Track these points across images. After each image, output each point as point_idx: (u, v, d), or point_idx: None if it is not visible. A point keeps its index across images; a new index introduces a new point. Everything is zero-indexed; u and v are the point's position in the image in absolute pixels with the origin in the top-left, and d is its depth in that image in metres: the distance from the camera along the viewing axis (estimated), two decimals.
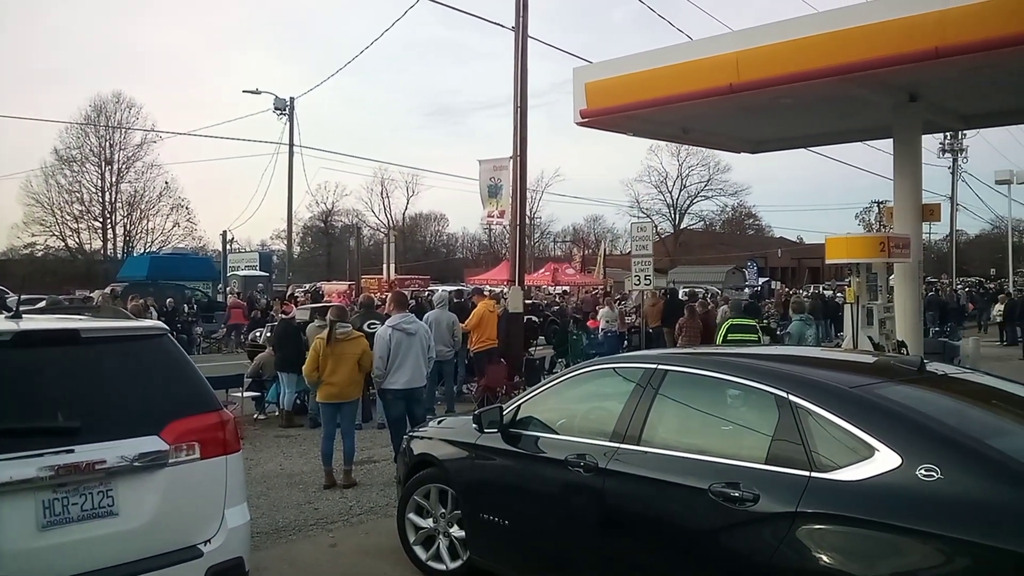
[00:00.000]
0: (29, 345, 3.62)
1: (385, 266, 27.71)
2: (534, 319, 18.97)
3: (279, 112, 31.92)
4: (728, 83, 9.88)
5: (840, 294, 21.24)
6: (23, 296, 5.98)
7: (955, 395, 4.12)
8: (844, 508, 3.32)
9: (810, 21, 9.63)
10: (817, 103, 11.21)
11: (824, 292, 32.56)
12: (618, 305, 21.83)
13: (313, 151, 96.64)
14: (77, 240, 54.16)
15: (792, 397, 3.74)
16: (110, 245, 54.57)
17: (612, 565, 4.29)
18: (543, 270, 41.13)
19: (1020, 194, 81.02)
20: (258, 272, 37.48)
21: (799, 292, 32.48)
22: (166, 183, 55.10)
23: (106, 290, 24.36)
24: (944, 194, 42.14)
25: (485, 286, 29.12)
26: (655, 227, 47.18)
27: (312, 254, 73.38)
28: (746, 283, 49.06)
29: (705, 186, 71.93)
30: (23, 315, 3.98)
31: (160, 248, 48.32)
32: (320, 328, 10.33)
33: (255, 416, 12.20)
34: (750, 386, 4.05)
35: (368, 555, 6.19)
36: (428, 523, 5.59)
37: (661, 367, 4.50)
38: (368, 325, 10.52)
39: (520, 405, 5.20)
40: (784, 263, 69.00)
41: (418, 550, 5.61)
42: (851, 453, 3.43)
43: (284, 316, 12.94)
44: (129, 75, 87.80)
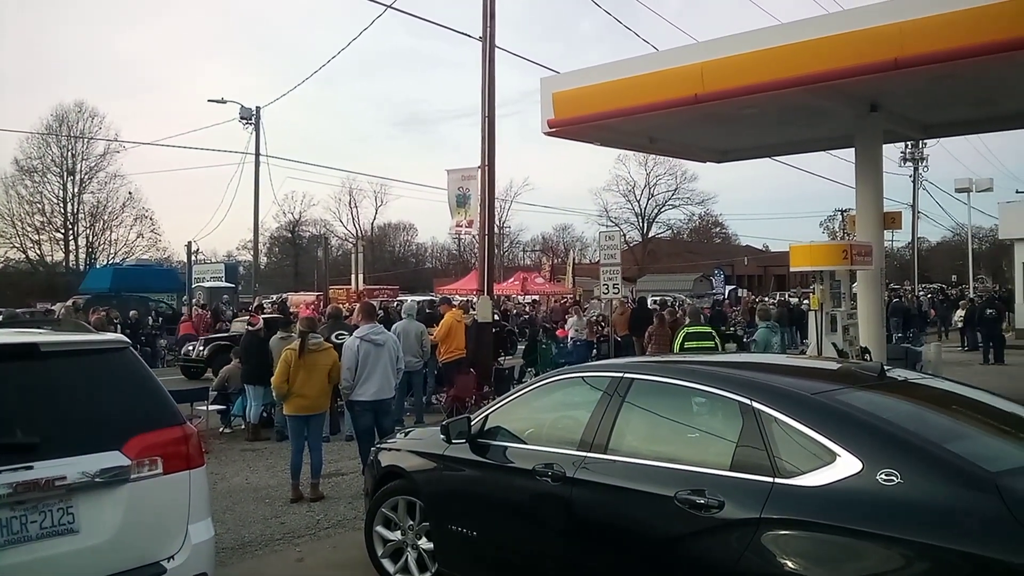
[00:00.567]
0: None
1: (353, 276, 27.50)
2: (504, 324, 18.91)
3: (245, 121, 31.66)
4: (694, 93, 10.00)
5: (805, 301, 21.51)
6: None
7: (915, 400, 4.19)
8: (807, 513, 3.35)
9: (773, 32, 9.78)
10: (781, 113, 11.38)
11: (790, 299, 32.95)
12: (585, 314, 21.91)
13: (280, 161, 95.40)
14: (38, 252, 53.26)
15: (756, 404, 3.78)
16: (72, 257, 53.70)
17: (581, 574, 4.29)
18: (512, 279, 41.12)
19: (979, 202, 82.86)
20: (224, 283, 37.10)
21: (765, 300, 32.81)
22: (130, 193, 54.49)
23: (68, 303, 23.95)
24: (906, 202, 42.84)
25: (454, 296, 29.12)
26: (623, 236, 47.56)
27: (279, 265, 72.84)
28: (713, 291, 49.48)
29: (672, 195, 72.69)
30: None
31: (123, 260, 47.66)
32: (284, 340, 10.26)
33: (220, 430, 12.05)
34: (715, 393, 4.09)
35: (336, 569, 6.14)
36: (396, 535, 5.55)
37: (627, 375, 4.52)
38: (336, 336, 10.46)
39: (488, 415, 5.19)
40: (751, 271, 69.82)
41: (386, 563, 5.57)
42: (813, 459, 3.47)
43: (250, 328, 12.79)
44: (92, 84, 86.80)
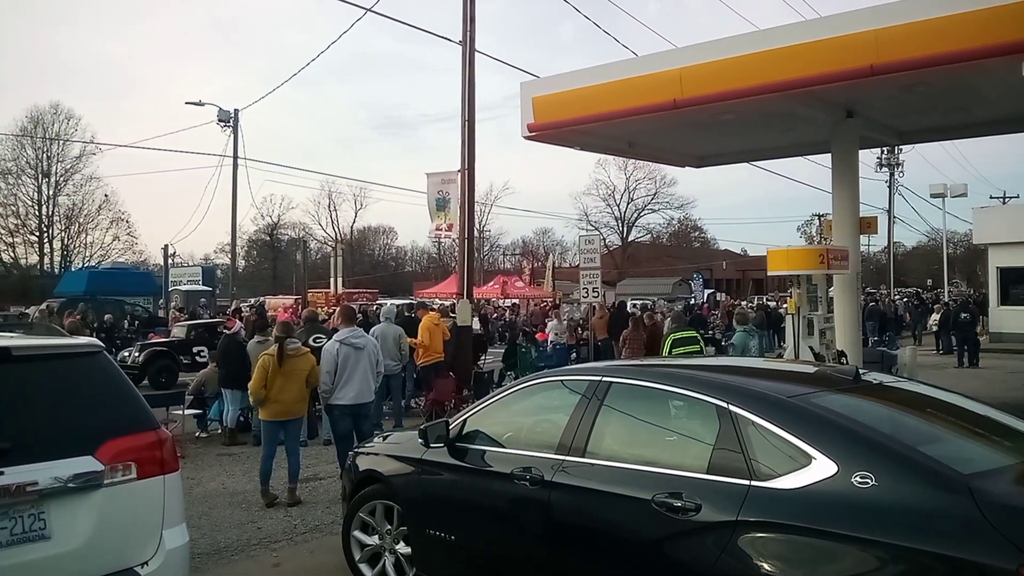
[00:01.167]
0: None
1: (332, 280, 27.47)
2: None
3: (223, 124, 31.43)
4: (672, 99, 10.06)
5: (784, 305, 21.65)
6: None
7: (889, 403, 4.22)
8: (783, 516, 3.37)
9: (751, 39, 9.87)
10: (758, 119, 11.48)
11: (768, 303, 33.17)
12: (565, 319, 21.94)
13: (258, 164, 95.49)
14: (12, 255, 52.76)
15: (732, 407, 3.79)
16: (47, 260, 53.18)
17: None
18: (493, 283, 41.16)
19: (954, 207, 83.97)
20: (201, 287, 36.80)
21: (743, 303, 33.03)
22: (106, 196, 54.11)
23: (42, 306, 23.64)
24: (882, 207, 43.33)
25: (435, 299, 29.06)
26: (603, 240, 47.68)
27: (258, 268, 72.46)
28: (691, 295, 49.67)
29: (652, 199, 73.07)
30: None
31: (99, 263, 47.17)
32: (261, 345, 10.19)
33: (197, 434, 11.94)
34: (692, 397, 4.10)
35: (313, 574, 6.10)
36: (374, 540, 5.52)
37: (605, 379, 4.53)
38: (314, 339, 10.41)
39: (467, 419, 5.18)
40: (729, 275, 70.23)
41: (364, 568, 5.54)
42: (789, 461, 3.49)
43: (227, 332, 12.70)
44: (68, 86, 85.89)
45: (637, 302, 33.71)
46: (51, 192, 52.96)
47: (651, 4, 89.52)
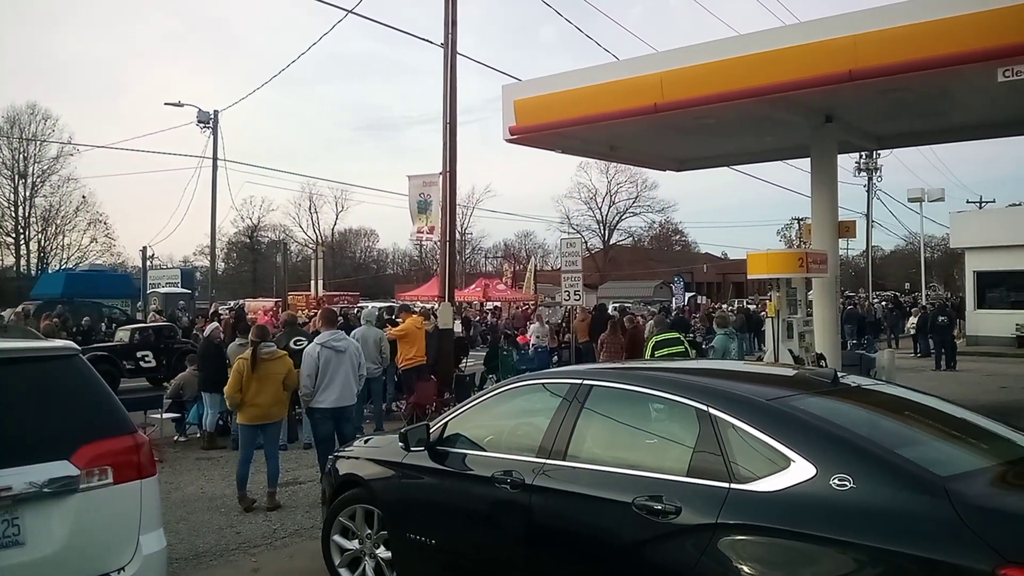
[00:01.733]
0: None
1: (313, 282, 27.26)
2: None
3: (203, 125, 31.21)
4: (653, 103, 10.09)
5: (764, 309, 21.75)
6: None
7: (867, 406, 4.25)
8: (763, 519, 3.38)
9: (731, 43, 9.91)
10: (739, 123, 11.54)
11: (748, 306, 33.35)
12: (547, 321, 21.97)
13: (239, 165, 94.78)
14: None
15: (712, 410, 3.80)
16: (23, 261, 52.55)
17: None
18: (474, 286, 41.13)
19: (931, 212, 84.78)
20: (180, 289, 36.50)
21: (723, 307, 33.19)
22: (83, 197, 53.58)
23: (19, 308, 23.34)
24: (860, 211, 43.67)
25: (416, 302, 28.99)
26: (585, 243, 47.81)
27: (237, 270, 71.95)
28: (672, 298, 49.81)
29: (633, 203, 73.39)
30: None
31: (76, 265, 46.64)
32: (242, 348, 10.11)
33: (175, 438, 11.84)
34: (672, 400, 4.11)
35: None
36: (354, 545, 5.49)
37: (586, 382, 4.53)
38: (295, 342, 10.35)
39: (447, 422, 5.16)
40: (710, 278, 70.54)
41: (343, 573, 5.50)
42: (769, 464, 3.50)
43: (202, 335, 12.60)
44: (45, 86, 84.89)
45: (616, 305, 33.80)
46: (28, 193, 52.45)
47: (633, 8, 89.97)
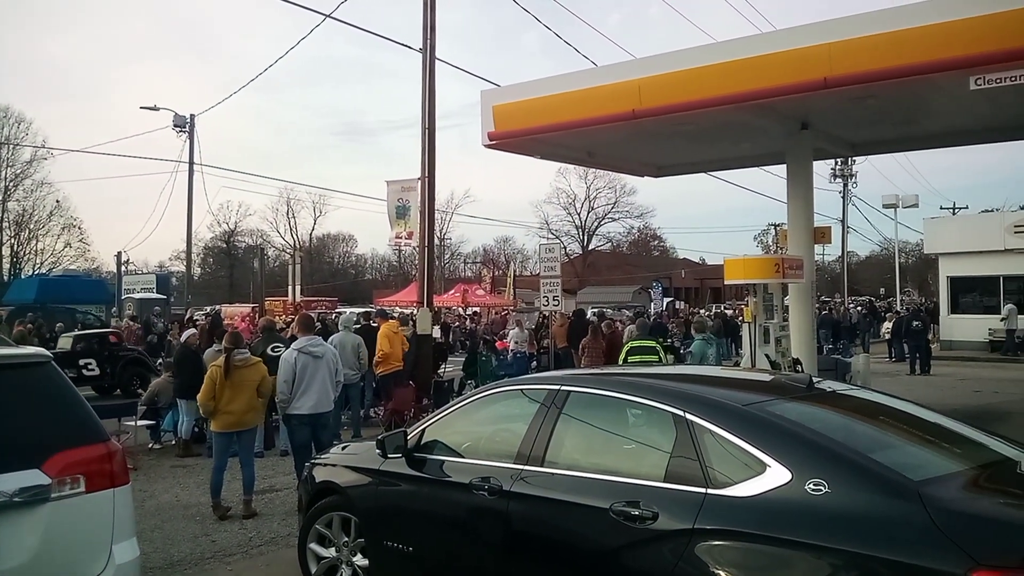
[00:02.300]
0: None
1: (290, 288, 27.04)
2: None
3: (179, 129, 30.94)
4: (631, 109, 10.15)
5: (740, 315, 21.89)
6: None
7: (842, 411, 4.28)
8: (739, 524, 3.40)
9: (708, 51, 9.99)
10: (716, 130, 11.62)
11: (726, 311, 33.56)
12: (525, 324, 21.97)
13: (215, 170, 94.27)
14: None
15: (688, 415, 3.82)
16: None
17: None
18: (453, 291, 41.04)
19: (906, 218, 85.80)
20: (155, 295, 36.16)
21: (700, 312, 33.35)
22: (57, 202, 52.93)
23: None
24: (836, 217, 44.19)
25: (395, 308, 28.89)
26: (564, 248, 47.90)
27: (214, 276, 71.43)
28: (650, 303, 50.00)
29: (612, 208, 73.66)
30: None
31: (50, 270, 46.10)
32: (219, 354, 10.02)
33: (150, 445, 11.70)
34: (649, 405, 4.12)
35: None
36: (331, 552, 5.45)
37: (564, 388, 4.53)
38: (272, 348, 10.28)
39: (425, 429, 5.14)
40: (688, 283, 70.98)
41: None
42: (745, 469, 3.52)
43: (182, 341, 12.48)
44: (17, 89, 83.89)
45: (595, 310, 33.90)
46: (0, 197, 51.69)
47: (611, 15, 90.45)
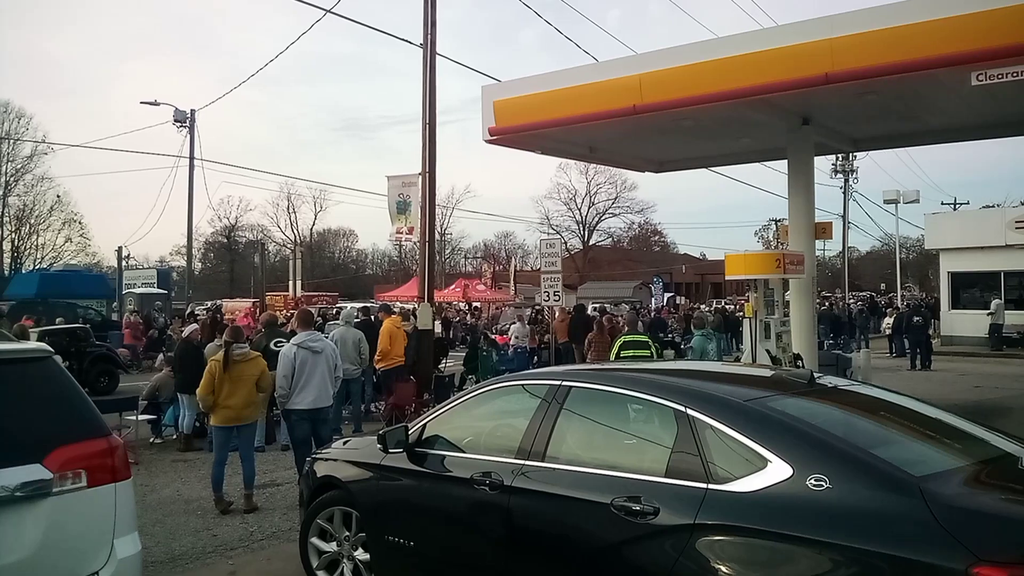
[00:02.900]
0: None
1: (291, 283, 27.09)
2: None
3: (179, 124, 30.95)
4: (632, 104, 10.14)
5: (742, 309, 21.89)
6: None
7: (843, 407, 4.28)
8: (740, 519, 3.40)
9: (710, 46, 9.98)
10: (717, 125, 11.61)
11: (726, 307, 33.56)
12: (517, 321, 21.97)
13: (216, 165, 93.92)
14: None
15: (690, 411, 3.81)
16: None
17: None
18: (454, 286, 41.06)
19: (907, 213, 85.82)
20: (156, 289, 36.17)
21: (701, 307, 33.37)
22: (58, 197, 52.90)
23: None
24: (837, 213, 44.16)
25: (396, 303, 28.89)
26: (564, 243, 47.88)
27: (214, 271, 71.39)
28: (650, 298, 50.05)
29: (612, 203, 73.52)
30: None
31: (51, 265, 46.07)
32: (220, 348, 10.03)
33: (151, 440, 11.72)
34: (650, 400, 4.12)
35: None
36: (332, 547, 5.46)
37: (565, 383, 4.54)
38: (275, 343, 10.27)
39: (426, 424, 5.15)
40: (688, 279, 70.87)
41: (321, 575, 5.48)
42: (746, 464, 3.52)
43: (184, 336, 12.48)
44: (18, 84, 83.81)
45: (596, 305, 33.92)
46: (1, 192, 51.69)
47: (612, 11, 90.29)
